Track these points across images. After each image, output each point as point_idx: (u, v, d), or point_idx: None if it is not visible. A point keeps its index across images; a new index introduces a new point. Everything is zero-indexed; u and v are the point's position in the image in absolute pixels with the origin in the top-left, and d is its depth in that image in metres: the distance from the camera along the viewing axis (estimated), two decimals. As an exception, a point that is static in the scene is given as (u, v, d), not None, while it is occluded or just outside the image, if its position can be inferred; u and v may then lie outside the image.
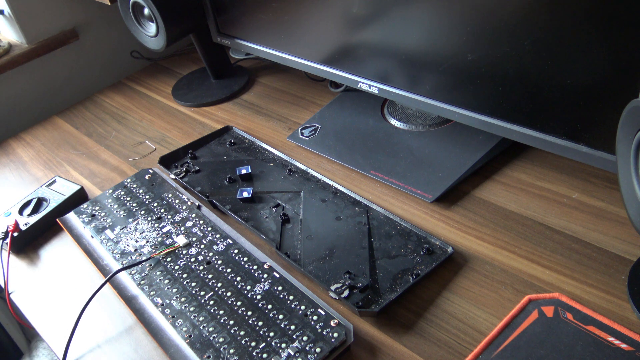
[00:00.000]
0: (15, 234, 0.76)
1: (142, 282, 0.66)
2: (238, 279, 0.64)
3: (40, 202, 0.82)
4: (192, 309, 0.62)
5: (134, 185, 0.82)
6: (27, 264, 0.76)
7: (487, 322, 0.57)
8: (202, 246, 0.70)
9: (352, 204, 0.73)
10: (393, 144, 0.82)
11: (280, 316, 0.59)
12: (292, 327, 0.57)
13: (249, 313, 0.60)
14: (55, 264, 0.75)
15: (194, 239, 0.71)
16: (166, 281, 0.66)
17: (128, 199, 0.80)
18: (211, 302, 0.62)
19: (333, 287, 0.62)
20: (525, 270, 0.61)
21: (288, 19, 0.86)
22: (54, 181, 0.86)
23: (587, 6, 0.53)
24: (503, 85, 0.64)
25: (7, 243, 0.75)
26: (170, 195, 0.79)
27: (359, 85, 0.82)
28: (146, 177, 0.84)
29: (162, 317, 0.61)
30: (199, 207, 0.77)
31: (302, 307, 0.59)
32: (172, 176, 0.85)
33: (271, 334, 0.57)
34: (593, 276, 0.59)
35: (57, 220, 0.79)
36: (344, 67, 0.83)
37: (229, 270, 0.66)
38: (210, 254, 0.69)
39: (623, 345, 0.51)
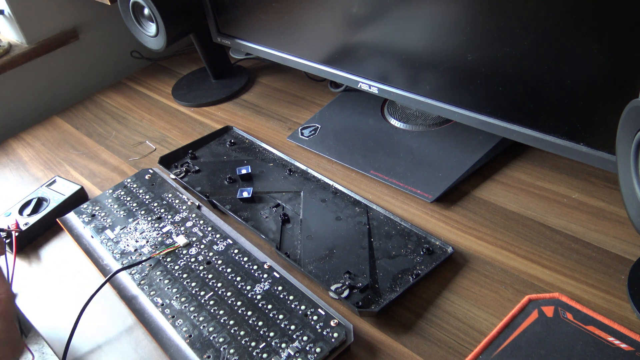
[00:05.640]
0: (16, 234, 0.76)
1: (142, 282, 0.66)
2: (238, 279, 0.64)
3: (40, 202, 0.82)
4: (192, 309, 0.62)
5: (134, 185, 0.82)
6: (27, 264, 0.76)
7: (487, 322, 0.57)
8: (202, 246, 0.70)
9: (352, 204, 0.73)
10: (393, 144, 0.82)
11: (280, 316, 0.59)
12: (292, 327, 0.57)
13: (249, 313, 0.60)
14: (55, 264, 0.75)
15: (194, 239, 0.71)
16: (166, 281, 0.66)
17: (128, 199, 0.80)
18: (211, 302, 0.62)
19: (333, 287, 0.62)
20: (525, 270, 0.61)
21: (288, 19, 0.86)
22: (54, 181, 0.86)
23: (587, 6, 0.53)
24: (503, 85, 0.64)
25: (10, 242, 0.75)
26: (170, 195, 0.79)
27: (359, 85, 0.82)
28: (146, 177, 0.84)
29: (162, 317, 0.61)
30: (199, 207, 0.77)
31: (302, 307, 0.59)
32: (172, 176, 0.85)
33: (271, 334, 0.57)
34: (593, 276, 0.59)
35: (57, 220, 0.79)
36: (344, 67, 0.83)
37: (229, 270, 0.66)
38: (210, 254, 0.69)
39: (623, 345, 0.51)
